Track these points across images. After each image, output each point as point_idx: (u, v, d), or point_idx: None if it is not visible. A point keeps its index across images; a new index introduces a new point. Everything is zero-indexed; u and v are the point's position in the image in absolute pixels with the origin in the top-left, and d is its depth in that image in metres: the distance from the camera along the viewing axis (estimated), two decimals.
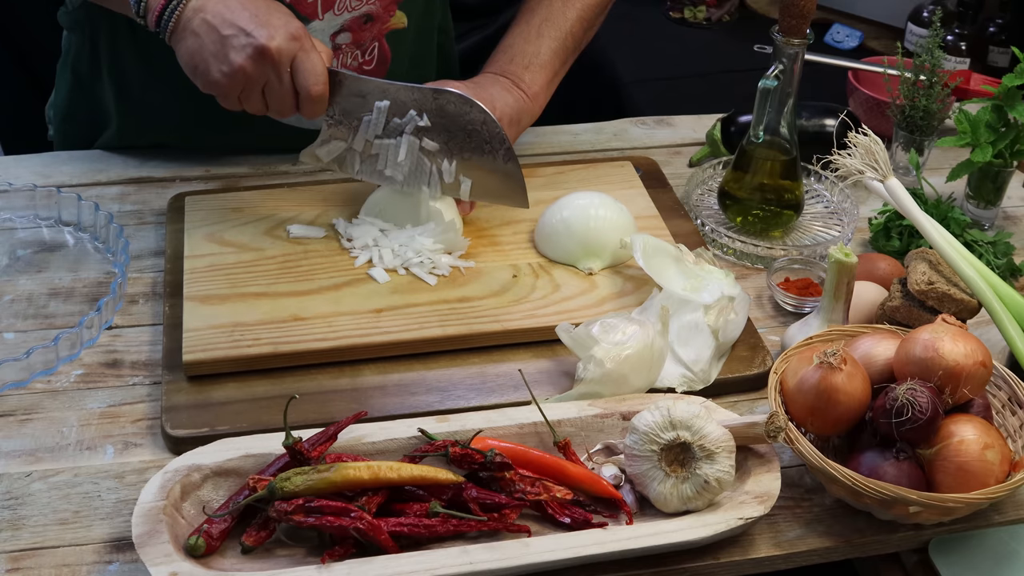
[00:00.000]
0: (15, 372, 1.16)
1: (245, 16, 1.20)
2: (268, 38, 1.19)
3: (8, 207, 1.42)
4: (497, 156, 1.28)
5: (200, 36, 1.21)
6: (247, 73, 1.21)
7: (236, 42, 1.20)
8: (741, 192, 1.42)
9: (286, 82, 1.23)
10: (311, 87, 1.23)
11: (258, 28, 1.20)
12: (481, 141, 1.28)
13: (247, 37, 1.20)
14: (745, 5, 2.80)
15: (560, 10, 1.47)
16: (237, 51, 1.20)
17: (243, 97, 1.24)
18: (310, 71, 1.22)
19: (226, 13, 1.21)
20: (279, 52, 1.20)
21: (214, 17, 1.21)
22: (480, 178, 1.30)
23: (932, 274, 1.19)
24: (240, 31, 1.20)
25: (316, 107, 1.25)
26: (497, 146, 1.27)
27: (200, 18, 1.21)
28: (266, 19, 1.21)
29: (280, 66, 1.21)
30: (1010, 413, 1.11)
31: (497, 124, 1.27)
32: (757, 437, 1.05)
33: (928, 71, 1.50)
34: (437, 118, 1.28)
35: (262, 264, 1.30)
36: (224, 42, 1.20)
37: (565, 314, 1.24)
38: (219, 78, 1.22)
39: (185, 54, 1.24)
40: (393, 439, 1.06)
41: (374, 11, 1.44)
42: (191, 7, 1.22)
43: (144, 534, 0.96)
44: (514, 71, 1.42)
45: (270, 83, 1.23)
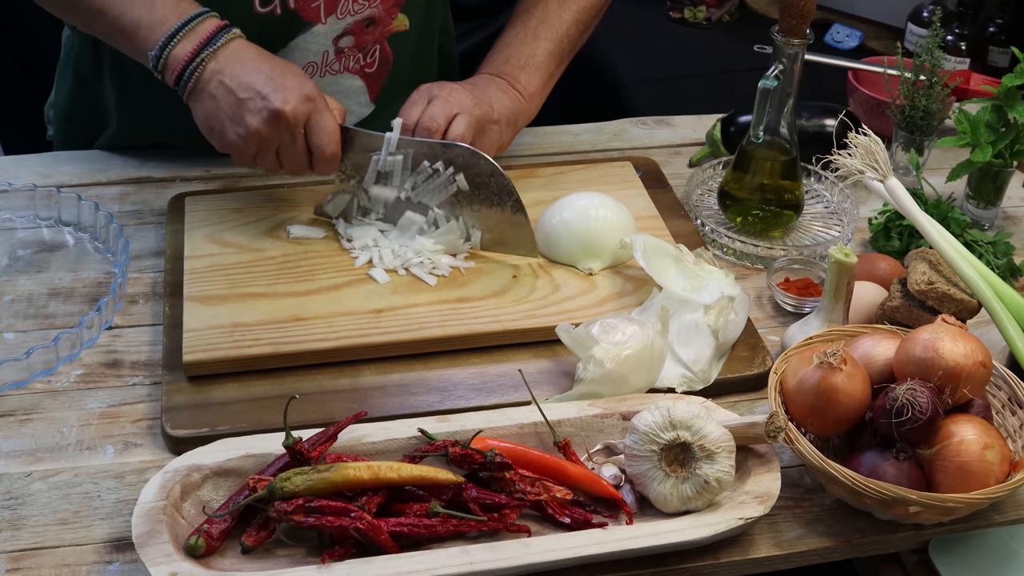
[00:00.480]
0: (15, 372, 1.16)
1: (261, 79, 1.23)
2: (283, 102, 1.22)
3: (8, 207, 1.42)
4: (506, 208, 1.30)
5: (217, 99, 1.24)
6: (263, 136, 1.23)
7: (252, 105, 1.23)
8: (741, 192, 1.42)
9: (300, 143, 1.26)
10: (325, 147, 1.26)
11: (274, 92, 1.22)
12: (490, 193, 1.30)
13: (263, 100, 1.22)
14: (745, 5, 2.80)
15: (556, 12, 1.47)
16: (253, 114, 1.23)
17: (258, 156, 1.27)
18: (323, 131, 1.25)
19: (243, 76, 1.23)
20: (294, 115, 1.23)
21: (231, 80, 1.23)
22: (490, 228, 1.32)
23: (932, 274, 1.19)
24: (256, 95, 1.22)
25: (329, 166, 1.29)
26: (506, 198, 1.29)
27: (218, 80, 1.24)
28: (282, 82, 1.23)
29: (295, 128, 1.24)
30: (1010, 413, 1.11)
31: (505, 176, 1.29)
32: (757, 437, 1.05)
33: (928, 71, 1.50)
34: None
35: (262, 264, 1.30)
36: (241, 105, 1.23)
37: (565, 314, 1.24)
38: (235, 140, 1.25)
39: (202, 115, 1.26)
40: (393, 439, 1.06)
41: (376, 14, 1.44)
42: (210, 69, 1.24)
43: (144, 534, 0.96)
44: (510, 72, 1.43)
45: (284, 144, 1.26)
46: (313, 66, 1.44)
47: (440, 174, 1.30)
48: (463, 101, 1.35)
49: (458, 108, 1.33)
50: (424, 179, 1.31)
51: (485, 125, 1.36)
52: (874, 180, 1.22)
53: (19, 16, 2.22)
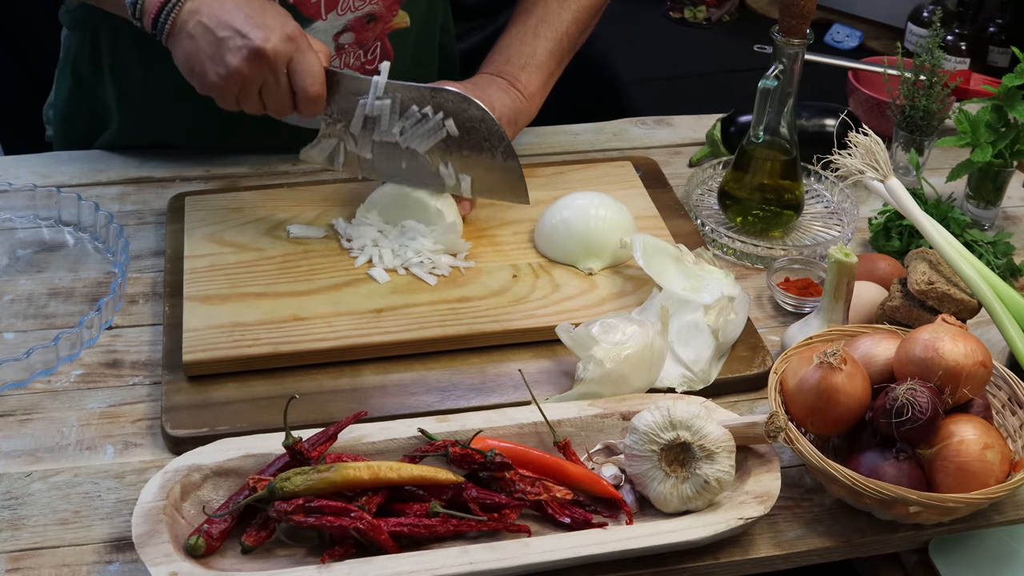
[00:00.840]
0: (15, 372, 1.16)
1: (240, 17, 1.20)
2: (264, 39, 1.19)
3: (8, 207, 1.42)
4: (496, 153, 1.28)
5: (196, 38, 1.21)
6: (243, 75, 1.21)
7: (232, 44, 1.20)
8: (741, 192, 1.42)
9: (283, 83, 1.23)
10: (308, 87, 1.23)
11: (253, 29, 1.20)
12: (480, 139, 1.28)
13: (243, 39, 1.20)
14: (745, 5, 2.80)
15: (556, 11, 1.47)
16: (233, 53, 1.20)
17: (240, 98, 1.24)
18: (307, 71, 1.23)
19: (221, 14, 1.21)
20: (275, 53, 1.20)
21: (209, 19, 1.21)
22: (480, 175, 1.30)
23: (932, 274, 1.19)
24: (236, 32, 1.20)
25: (314, 107, 1.25)
26: (496, 143, 1.28)
27: (196, 20, 1.21)
28: (261, 20, 1.20)
29: (276, 67, 1.21)
30: (1010, 413, 1.11)
31: (495, 122, 1.27)
32: (757, 437, 1.05)
33: (928, 71, 1.50)
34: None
35: (262, 264, 1.30)
36: (220, 44, 1.20)
37: (565, 314, 1.24)
38: (216, 80, 1.22)
39: (181, 56, 1.24)
40: (393, 439, 1.06)
41: (377, 11, 1.44)
42: (187, 9, 1.22)
43: (144, 534, 0.96)
44: (511, 71, 1.43)
45: (267, 84, 1.23)
46: None
47: (429, 119, 1.28)
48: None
49: None
50: (413, 123, 1.29)
51: None
52: (874, 180, 1.22)
53: (19, 16, 2.22)
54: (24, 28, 2.24)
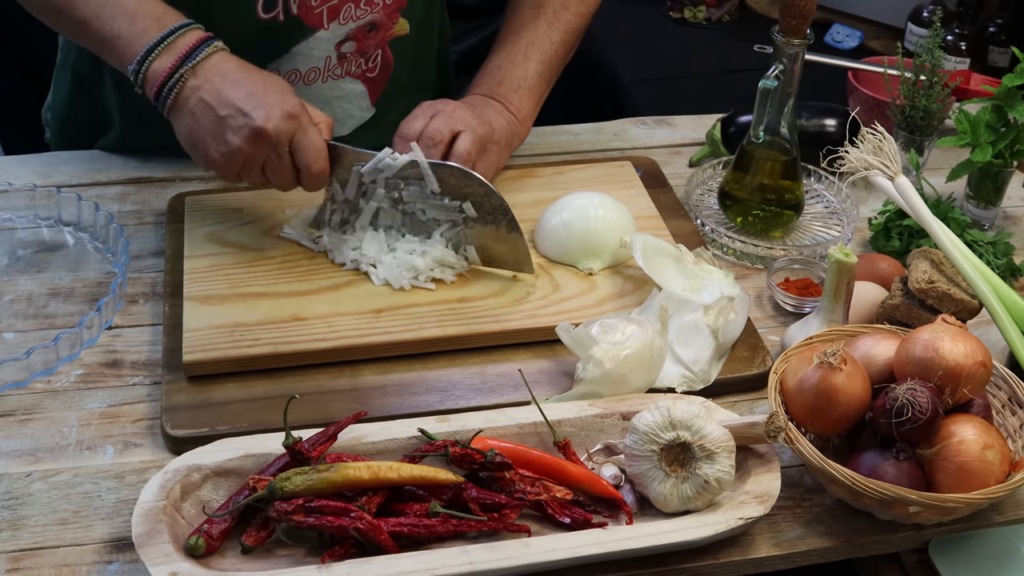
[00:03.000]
0: (15, 372, 1.16)
1: (241, 95, 1.20)
2: (265, 119, 1.19)
3: (8, 207, 1.42)
4: (500, 227, 1.28)
5: (197, 116, 1.21)
6: (245, 153, 1.21)
7: (233, 123, 1.20)
8: (741, 192, 1.42)
9: (285, 160, 1.23)
10: (311, 164, 1.24)
11: (255, 109, 1.19)
12: (484, 213, 1.28)
13: (244, 118, 1.19)
14: (745, 5, 2.80)
15: (545, 33, 1.47)
16: (234, 132, 1.20)
17: (242, 173, 1.25)
18: (309, 148, 1.23)
19: (223, 92, 1.20)
20: (277, 132, 1.20)
21: (211, 97, 1.21)
22: (485, 245, 1.30)
23: (933, 273, 1.19)
24: (237, 112, 1.20)
25: (317, 183, 1.26)
26: (500, 217, 1.28)
27: (197, 97, 1.21)
28: (263, 99, 1.20)
29: (278, 146, 1.22)
30: (1010, 413, 1.11)
31: (499, 196, 1.27)
32: (757, 437, 1.05)
33: (928, 71, 1.50)
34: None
35: (262, 264, 1.30)
36: (221, 123, 1.20)
37: (565, 314, 1.24)
38: (217, 157, 1.22)
39: (183, 131, 1.24)
40: (393, 439, 1.06)
41: (378, 19, 1.44)
42: (189, 86, 1.21)
43: (144, 534, 0.96)
44: (503, 94, 1.43)
45: (269, 161, 1.23)
46: (315, 71, 1.44)
47: (442, 199, 1.28)
48: (467, 119, 1.34)
49: (462, 125, 1.33)
50: (425, 196, 1.29)
51: (487, 144, 1.36)
52: (883, 177, 1.22)
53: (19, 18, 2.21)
54: (24, 29, 2.24)
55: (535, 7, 1.48)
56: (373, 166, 1.28)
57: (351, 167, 1.29)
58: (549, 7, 1.48)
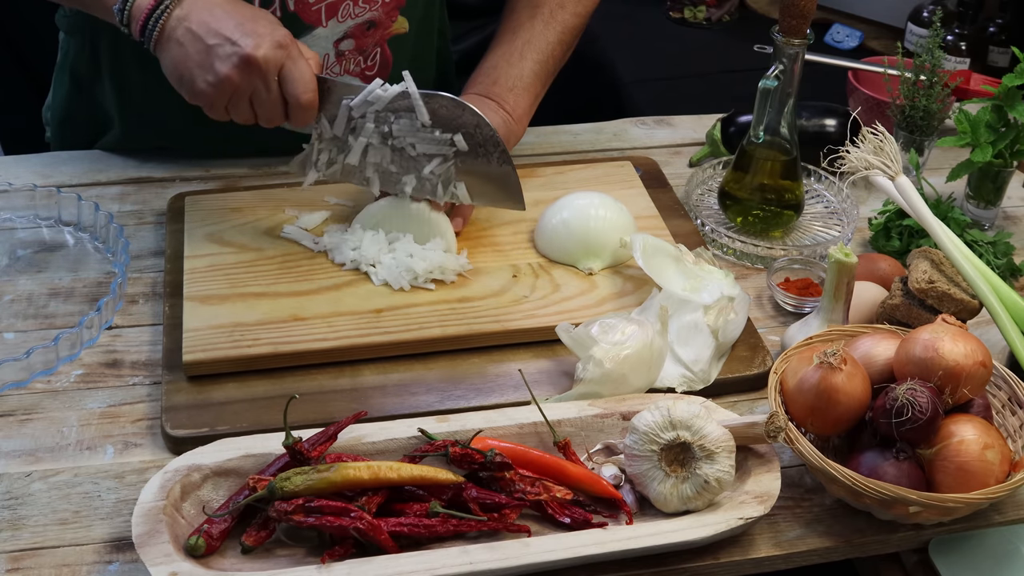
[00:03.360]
0: (15, 372, 1.16)
1: (230, 24, 1.19)
2: (254, 47, 1.18)
3: (8, 207, 1.42)
4: (491, 159, 1.27)
5: (184, 46, 1.20)
6: (233, 82, 1.19)
7: (221, 51, 1.19)
8: (741, 192, 1.42)
9: (274, 91, 1.22)
10: (300, 95, 1.22)
11: (244, 37, 1.18)
12: (475, 144, 1.27)
13: (232, 46, 1.18)
14: (745, 5, 2.80)
15: (542, 32, 1.47)
16: (222, 60, 1.19)
17: (230, 107, 1.23)
18: (298, 79, 1.21)
19: (211, 22, 1.19)
20: (266, 61, 1.19)
21: (198, 26, 1.19)
22: (475, 181, 1.29)
23: (933, 273, 1.19)
24: (225, 40, 1.18)
25: (306, 115, 1.24)
26: (491, 149, 1.27)
27: (184, 27, 1.20)
28: (252, 27, 1.19)
29: (267, 75, 1.20)
30: (1010, 413, 1.11)
31: (490, 127, 1.26)
32: (757, 437, 1.05)
33: (928, 71, 1.50)
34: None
35: (262, 264, 1.30)
36: (209, 51, 1.19)
37: (565, 314, 1.24)
38: (205, 88, 1.21)
39: (170, 64, 1.22)
40: (393, 439, 1.06)
41: (377, 17, 1.44)
42: (175, 16, 1.20)
43: (144, 534, 0.96)
44: (499, 93, 1.42)
45: (257, 92, 1.21)
46: None
47: (431, 130, 1.27)
48: None
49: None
50: (415, 129, 1.27)
51: None
52: (884, 177, 1.22)
53: (19, 17, 2.22)
54: (24, 29, 2.24)
55: (532, 6, 1.48)
56: (363, 99, 1.25)
57: (340, 103, 1.26)
58: (546, 7, 1.48)
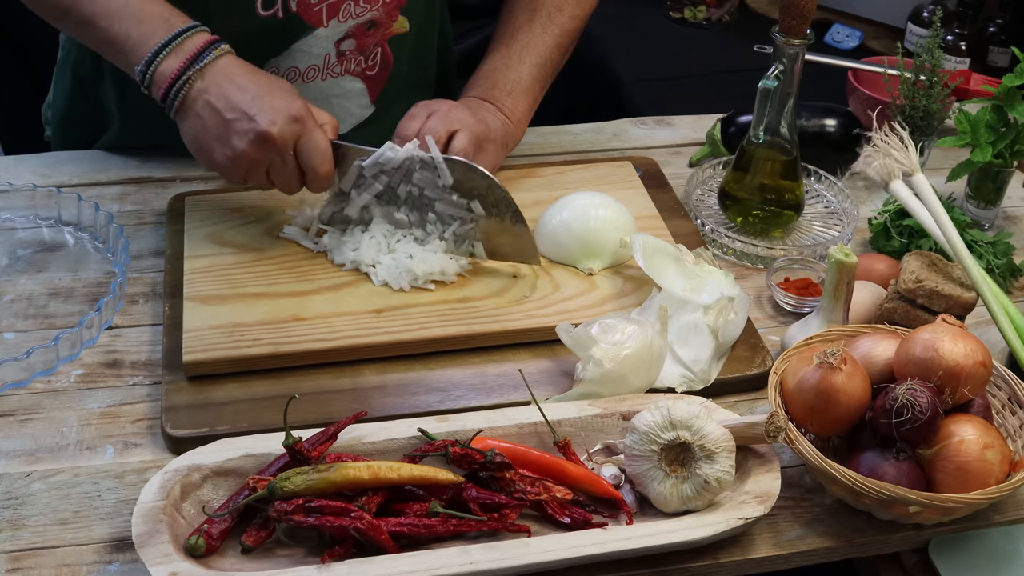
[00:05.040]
0: (15, 372, 1.16)
1: (247, 99, 1.21)
2: (270, 123, 1.20)
3: (8, 207, 1.42)
4: (505, 219, 1.28)
5: (204, 119, 1.22)
6: (250, 157, 1.22)
7: (238, 127, 1.21)
8: (741, 192, 1.42)
9: (290, 163, 1.24)
10: (317, 167, 1.24)
11: (260, 113, 1.20)
12: (488, 205, 1.28)
13: (249, 122, 1.20)
14: (745, 5, 2.80)
15: (540, 36, 1.47)
16: (239, 136, 1.21)
17: (248, 176, 1.25)
18: (314, 151, 1.23)
19: (230, 95, 1.21)
20: (282, 137, 1.21)
21: (217, 100, 1.21)
22: (490, 239, 1.30)
23: (922, 272, 1.19)
24: (243, 116, 1.21)
25: (323, 185, 1.27)
26: (504, 209, 1.28)
27: (204, 100, 1.22)
28: (269, 102, 1.21)
29: (283, 150, 1.22)
30: (1010, 413, 1.11)
31: (502, 188, 1.27)
32: (757, 437, 1.05)
33: (928, 71, 1.50)
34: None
35: (262, 264, 1.30)
36: (227, 126, 1.21)
37: (565, 314, 1.24)
38: (222, 161, 1.23)
39: (189, 133, 1.25)
40: (393, 439, 1.06)
41: (377, 17, 1.44)
42: (196, 88, 1.22)
43: (144, 534, 0.96)
44: (498, 97, 1.43)
45: (274, 165, 1.24)
46: (315, 69, 1.44)
47: (453, 196, 1.28)
48: (463, 118, 1.35)
49: (459, 124, 1.33)
50: (436, 186, 1.29)
51: (483, 143, 1.35)
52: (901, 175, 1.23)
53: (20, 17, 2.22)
54: (25, 28, 2.24)
55: (530, 9, 1.48)
56: (374, 160, 1.28)
57: (353, 163, 1.29)
58: (544, 9, 1.48)
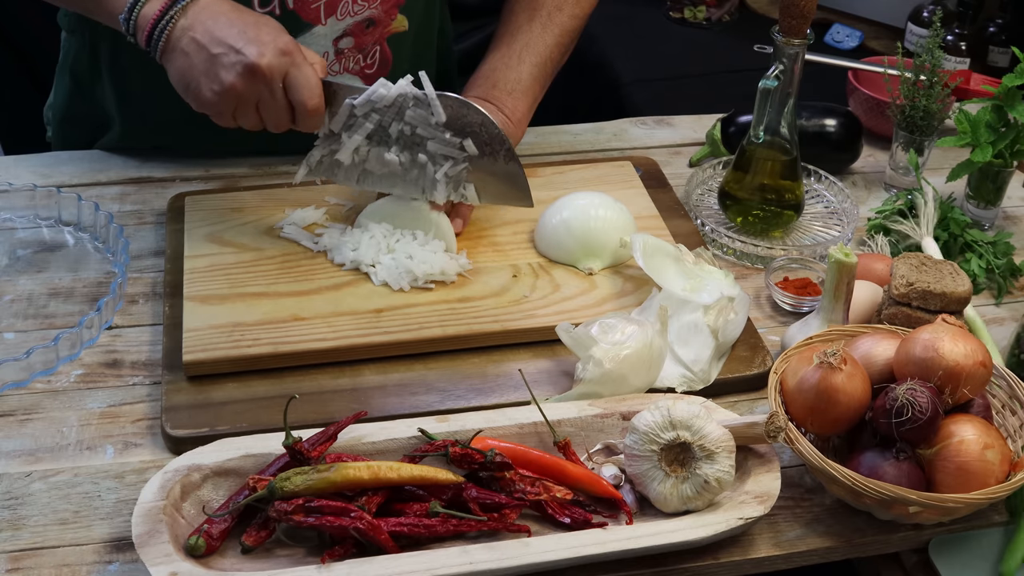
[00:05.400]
0: (15, 372, 1.16)
1: (233, 33, 1.20)
2: (258, 55, 1.19)
3: (8, 207, 1.42)
4: (498, 157, 1.27)
5: (190, 55, 1.21)
6: (238, 91, 1.20)
7: (226, 60, 1.19)
8: (741, 192, 1.42)
9: (279, 98, 1.22)
10: (306, 101, 1.22)
11: (247, 45, 1.19)
12: (481, 143, 1.27)
13: (236, 55, 1.19)
14: (745, 5, 2.79)
15: (540, 35, 1.47)
16: (227, 69, 1.19)
17: (237, 114, 1.24)
18: (304, 85, 1.22)
19: (215, 31, 1.20)
20: (270, 68, 1.19)
21: (203, 35, 1.20)
22: (482, 180, 1.29)
23: (910, 274, 1.19)
24: (229, 49, 1.19)
25: (313, 120, 1.25)
26: (497, 147, 1.27)
27: (189, 37, 1.21)
28: (255, 35, 1.20)
29: (272, 82, 1.21)
30: (1010, 413, 1.11)
31: (495, 125, 1.26)
32: (757, 437, 1.05)
33: (928, 71, 1.50)
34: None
35: (262, 264, 1.30)
36: (213, 60, 1.20)
37: (565, 314, 1.24)
38: (211, 97, 1.21)
39: (176, 73, 1.23)
40: (393, 439, 1.06)
41: (376, 15, 1.44)
42: (180, 26, 1.21)
43: (144, 534, 0.96)
44: (498, 96, 1.43)
45: (263, 99, 1.22)
46: None
47: (446, 134, 1.27)
48: None
49: None
50: (429, 124, 1.27)
51: None
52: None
53: (20, 17, 2.22)
54: (25, 29, 2.24)
55: (530, 9, 1.48)
56: (366, 97, 1.26)
57: (344, 103, 1.27)
58: (544, 9, 1.48)
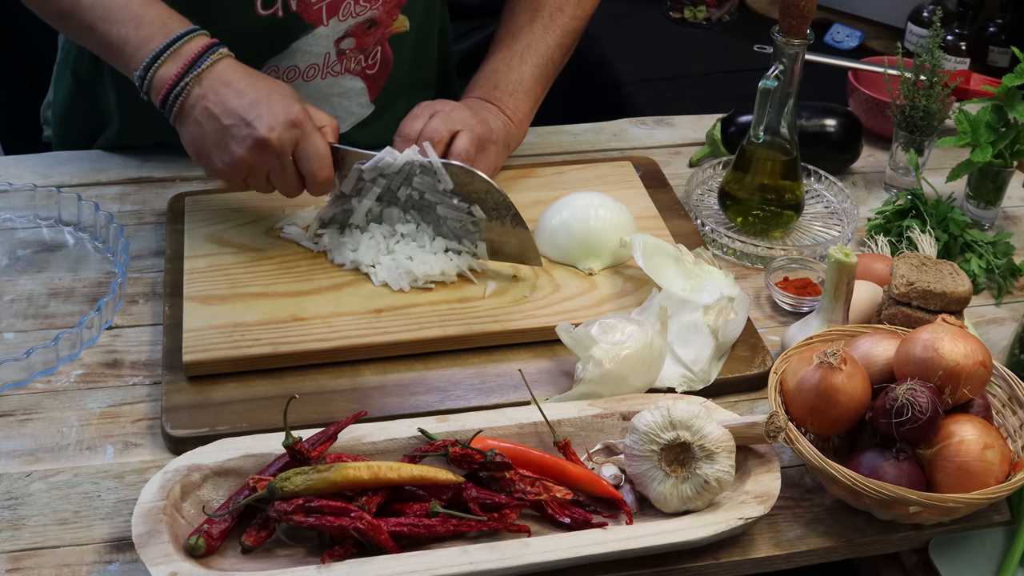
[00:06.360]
0: (15, 372, 1.16)
1: (245, 104, 1.21)
2: (268, 129, 1.20)
3: (8, 207, 1.42)
4: (506, 222, 1.28)
5: (202, 125, 1.22)
6: (249, 163, 1.22)
7: (237, 133, 1.21)
8: (741, 192, 1.42)
9: (289, 168, 1.24)
10: (316, 172, 1.24)
11: (257, 118, 1.20)
12: (488, 209, 1.28)
13: (247, 128, 1.20)
14: (745, 5, 2.79)
15: (541, 36, 1.47)
16: (238, 142, 1.21)
17: (248, 181, 1.26)
18: (313, 156, 1.23)
19: (227, 101, 1.21)
20: (280, 142, 1.21)
21: (215, 105, 1.21)
22: (492, 241, 1.30)
23: (910, 274, 1.19)
24: (240, 121, 1.20)
25: (322, 188, 1.27)
26: (504, 213, 1.28)
27: (202, 106, 1.22)
28: (266, 107, 1.21)
29: (283, 155, 1.22)
30: (1010, 413, 1.11)
31: (501, 192, 1.27)
32: (757, 437, 1.05)
33: (928, 71, 1.50)
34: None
35: (262, 264, 1.30)
36: (225, 132, 1.21)
37: (565, 314, 1.24)
38: (222, 167, 1.23)
39: (189, 139, 1.25)
40: (393, 439, 1.06)
41: (377, 16, 1.44)
42: (194, 94, 1.22)
43: (144, 534, 0.96)
44: (499, 98, 1.43)
45: (274, 170, 1.24)
46: (315, 68, 1.44)
47: (454, 200, 1.28)
48: (465, 118, 1.35)
49: (461, 125, 1.33)
50: (436, 190, 1.28)
51: (485, 144, 1.36)
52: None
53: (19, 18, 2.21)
54: (24, 28, 2.24)
55: (531, 10, 1.48)
56: (374, 164, 1.28)
57: (352, 167, 1.29)
58: (545, 10, 1.48)
